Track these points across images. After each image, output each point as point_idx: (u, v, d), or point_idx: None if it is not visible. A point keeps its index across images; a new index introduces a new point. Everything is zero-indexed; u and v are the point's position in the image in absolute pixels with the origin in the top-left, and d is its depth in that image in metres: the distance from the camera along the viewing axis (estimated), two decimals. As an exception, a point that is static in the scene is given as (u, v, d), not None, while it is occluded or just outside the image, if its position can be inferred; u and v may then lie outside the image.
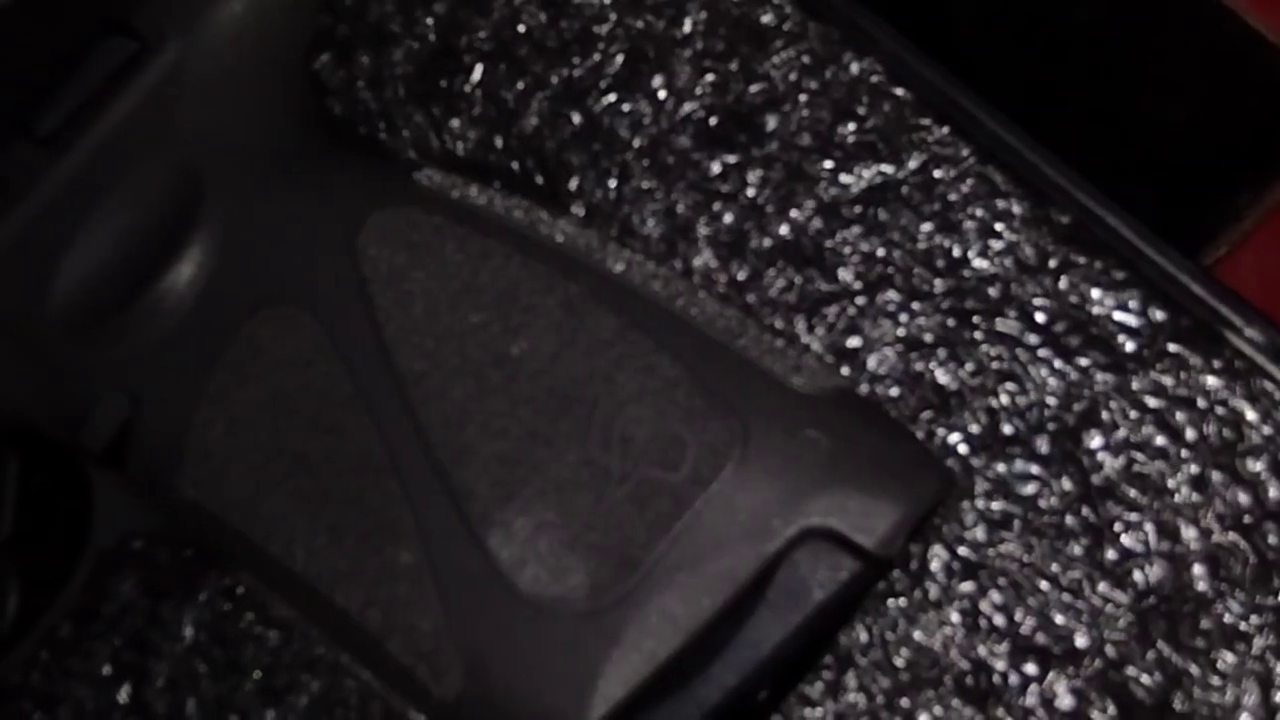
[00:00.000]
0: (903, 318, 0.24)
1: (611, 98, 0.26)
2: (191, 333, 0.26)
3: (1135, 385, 0.23)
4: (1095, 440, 0.23)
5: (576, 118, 0.26)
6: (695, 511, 0.22)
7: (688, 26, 0.25)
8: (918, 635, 0.23)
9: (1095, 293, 0.23)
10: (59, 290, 0.27)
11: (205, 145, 0.27)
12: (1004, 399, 0.24)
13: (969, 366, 0.24)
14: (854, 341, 0.24)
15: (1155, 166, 0.30)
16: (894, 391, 0.24)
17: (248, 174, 0.27)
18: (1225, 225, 0.29)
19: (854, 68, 0.25)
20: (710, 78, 0.25)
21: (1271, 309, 0.27)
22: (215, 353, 0.26)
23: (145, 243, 0.27)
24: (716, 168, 0.25)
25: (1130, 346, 0.23)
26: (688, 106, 0.25)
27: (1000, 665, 0.23)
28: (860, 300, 0.24)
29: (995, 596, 0.23)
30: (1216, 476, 0.23)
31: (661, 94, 0.25)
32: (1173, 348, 0.23)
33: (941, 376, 0.24)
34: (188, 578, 0.25)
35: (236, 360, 0.26)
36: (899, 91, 0.24)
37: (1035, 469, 0.23)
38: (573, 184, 0.26)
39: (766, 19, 0.25)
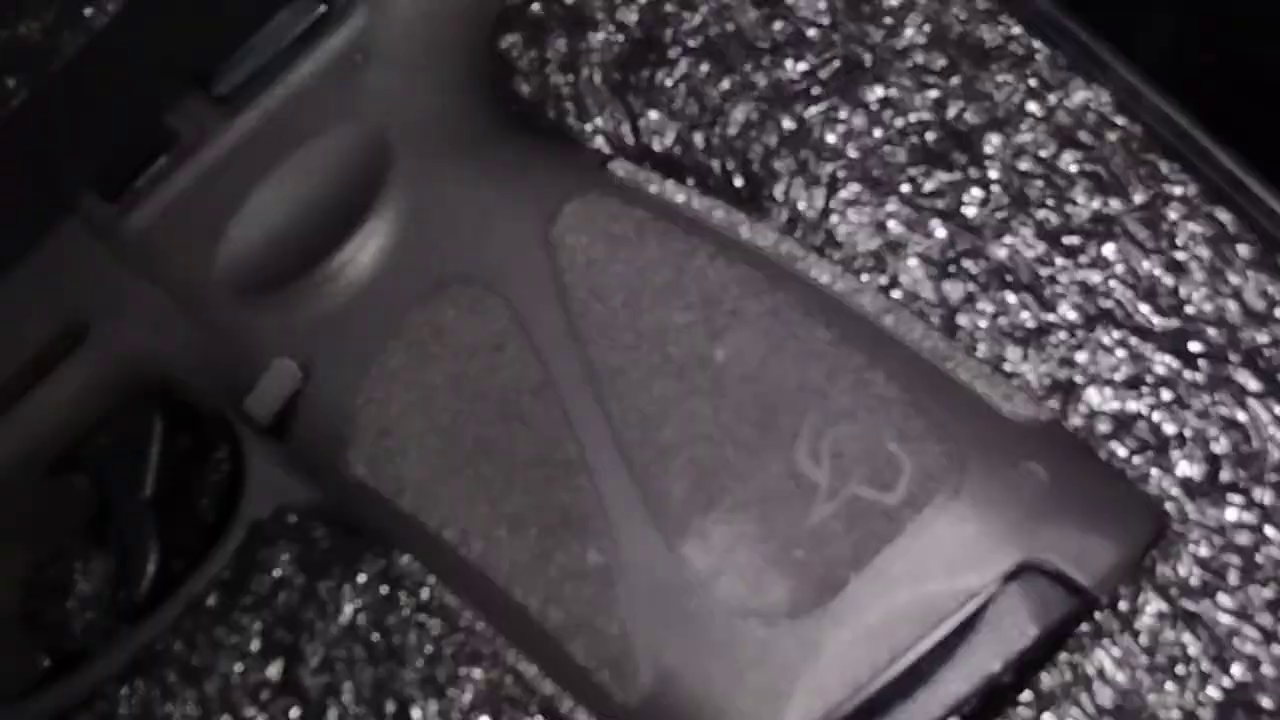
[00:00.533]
0: (1120, 354, 0.24)
1: (824, 105, 0.25)
2: (370, 307, 0.25)
3: None
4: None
5: (786, 122, 0.25)
6: (908, 535, 0.22)
7: (908, 38, 0.25)
8: (1122, 678, 0.23)
9: None
10: (228, 251, 0.26)
11: (391, 116, 0.26)
12: (1224, 445, 0.23)
13: (1190, 409, 0.23)
14: (1069, 375, 0.24)
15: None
16: (1105, 428, 0.24)
17: (434, 149, 0.26)
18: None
19: (1080, 95, 0.24)
20: (931, 94, 0.25)
21: None
22: (393, 329, 0.25)
23: (324, 211, 0.26)
24: (931, 185, 0.25)
25: None
26: (904, 120, 0.25)
27: (1207, 715, 0.22)
28: (1078, 333, 0.24)
29: (1206, 645, 0.23)
30: None
31: (876, 106, 0.25)
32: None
33: (1159, 417, 0.23)
34: (347, 557, 0.25)
35: (416, 339, 0.25)
36: (1125, 122, 0.24)
37: (1254, 518, 0.23)
38: (777, 190, 0.25)
39: (991, 38, 0.25)
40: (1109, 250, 0.24)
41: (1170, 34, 0.25)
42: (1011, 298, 0.24)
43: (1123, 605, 0.23)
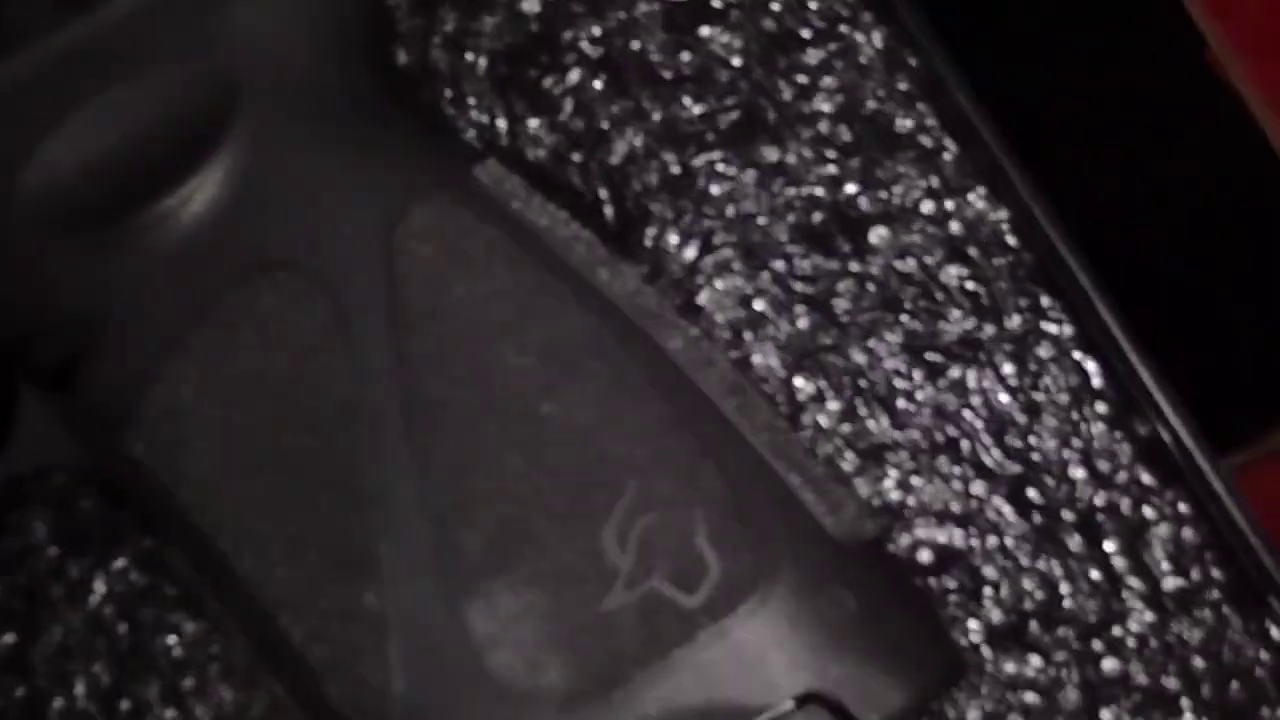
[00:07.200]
0: (957, 487, 0.24)
1: (715, 155, 0.24)
2: (184, 273, 0.24)
3: (1168, 626, 0.24)
4: (1114, 669, 0.23)
5: (672, 164, 0.24)
6: (700, 643, 0.22)
7: (817, 104, 0.24)
8: (885, 823, 0.23)
9: (1155, 518, 0.24)
10: (35, 175, 0.25)
11: (248, 60, 0.24)
12: (1038, 601, 0.24)
13: (1013, 558, 0.24)
14: (901, 497, 0.24)
15: (1204, 359, 0.30)
16: (927, 559, 0.24)
17: (288, 107, 0.24)
18: (1251, 438, 0.30)
19: (979, 206, 0.24)
20: (827, 168, 0.24)
21: (1274, 537, 0.27)
22: (206, 303, 0.24)
23: (152, 152, 0.25)
24: (807, 268, 0.24)
25: (1174, 585, 0.24)
26: (794, 191, 0.24)
27: None
28: (921, 458, 0.24)
29: (973, 805, 0.23)
30: (1223, 741, 0.23)
31: (770, 169, 0.24)
32: (1215, 597, 0.24)
33: (980, 560, 0.24)
34: (109, 535, 0.24)
35: (229, 321, 0.24)
36: (1018, 245, 0.24)
37: (1047, 682, 0.23)
38: (647, 235, 0.24)
39: (903, 124, 0.24)
40: (970, 378, 0.24)
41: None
42: (862, 406, 0.24)
43: (902, 749, 0.23)
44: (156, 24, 0.25)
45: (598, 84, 0.25)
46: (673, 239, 0.25)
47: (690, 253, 0.25)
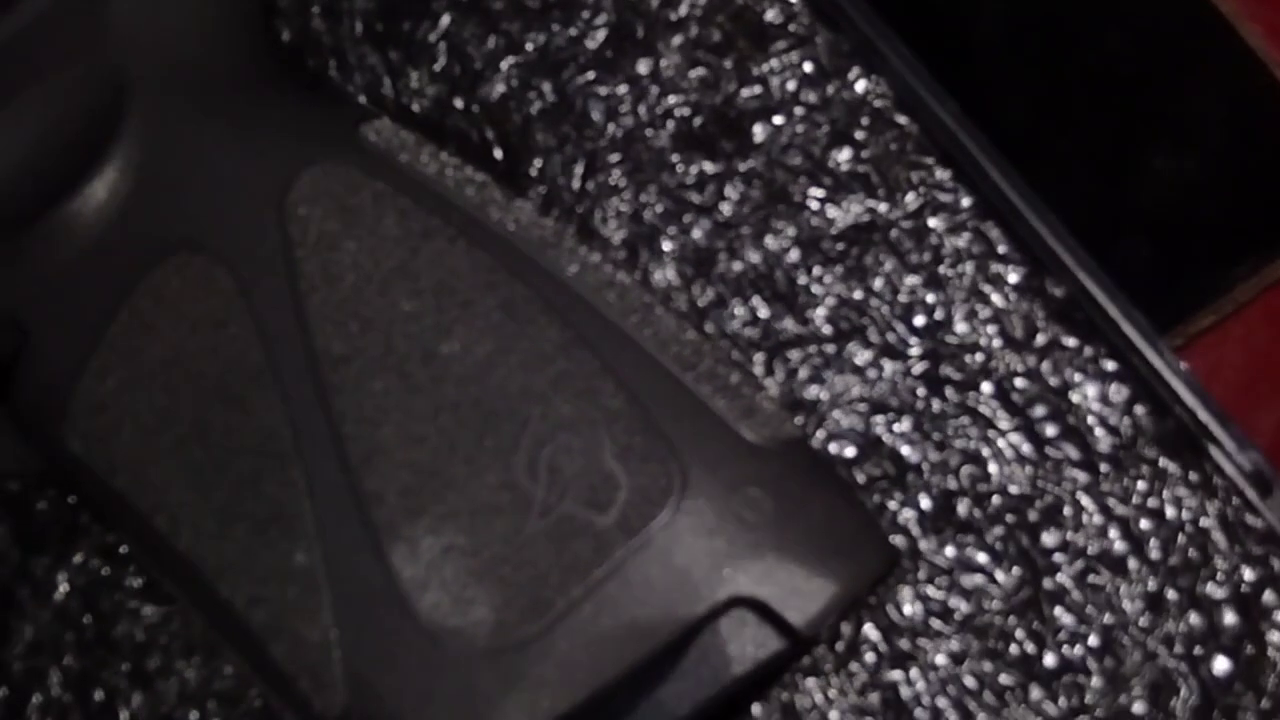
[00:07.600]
0: (871, 374, 0.23)
1: (590, 75, 0.24)
2: (95, 267, 0.25)
3: (1105, 487, 0.23)
4: (1053, 540, 0.23)
5: (549, 92, 0.24)
6: (618, 560, 0.22)
7: (684, 9, 0.24)
8: (834, 717, 0.23)
9: (1079, 379, 0.23)
10: (-56, 194, 0.26)
11: (134, 56, 0.25)
12: (964, 480, 0.23)
13: (933, 439, 0.23)
14: (815, 392, 0.24)
15: (1156, 219, 0.29)
16: (849, 452, 0.24)
17: (178, 96, 0.25)
18: (1217, 295, 0.29)
19: (859, 86, 0.24)
20: (700, 71, 0.24)
21: (1252, 391, 0.26)
22: (119, 294, 0.24)
23: (52, 155, 0.25)
24: (693, 175, 0.24)
25: (1107, 445, 0.23)
26: (671, 100, 0.24)
27: (915, 761, 0.23)
28: (828, 348, 0.23)
29: (921, 689, 0.23)
30: (1173, 597, 0.23)
31: (645, 81, 0.24)
32: (1151, 453, 0.23)
33: (902, 445, 0.23)
34: (66, 532, 0.24)
35: (141, 307, 0.24)
36: (904, 121, 0.23)
37: (985, 560, 0.23)
38: (534, 166, 0.24)
39: (771, 15, 0.24)
40: (870, 260, 0.23)
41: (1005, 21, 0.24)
42: (763, 306, 0.24)
43: (840, 643, 0.23)
44: (44, 35, 0.26)
45: (468, 25, 0.25)
46: (559, 166, 0.25)
47: (578, 177, 0.25)
